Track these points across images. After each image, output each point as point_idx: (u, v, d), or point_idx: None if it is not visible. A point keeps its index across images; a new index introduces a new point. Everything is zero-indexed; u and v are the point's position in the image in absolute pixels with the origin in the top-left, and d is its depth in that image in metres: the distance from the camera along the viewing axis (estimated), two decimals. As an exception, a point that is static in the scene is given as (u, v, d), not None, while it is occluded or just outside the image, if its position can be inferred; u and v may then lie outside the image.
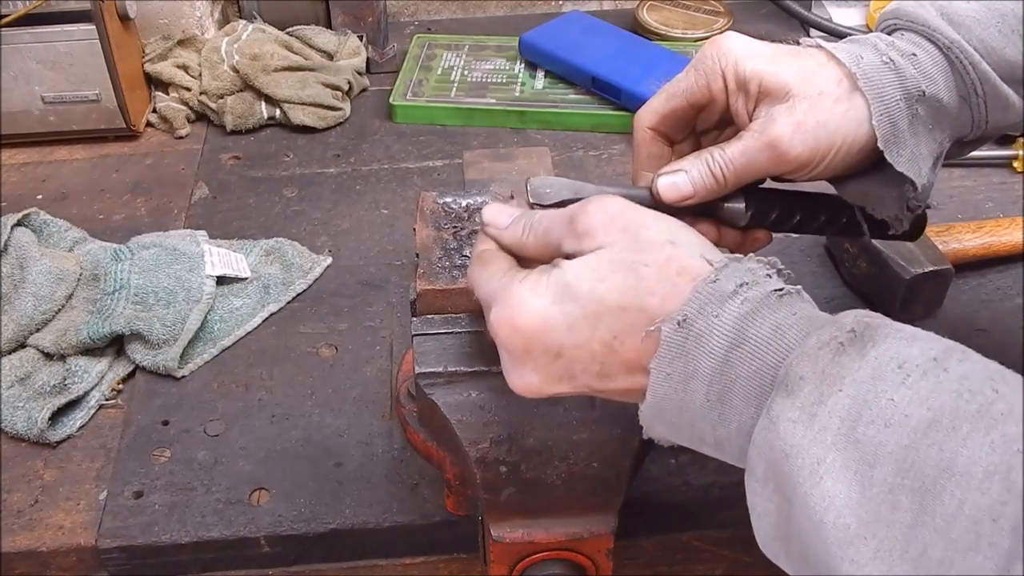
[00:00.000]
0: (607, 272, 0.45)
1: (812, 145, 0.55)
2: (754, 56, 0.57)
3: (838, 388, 0.39)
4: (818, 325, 0.42)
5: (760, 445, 0.41)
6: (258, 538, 0.66)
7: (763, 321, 0.43)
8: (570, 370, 0.46)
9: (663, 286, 0.44)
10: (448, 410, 0.56)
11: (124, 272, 0.79)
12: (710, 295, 0.43)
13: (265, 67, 1.03)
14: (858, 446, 0.37)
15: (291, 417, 0.74)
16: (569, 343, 0.45)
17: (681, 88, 0.59)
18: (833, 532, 0.37)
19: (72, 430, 0.73)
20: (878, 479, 0.36)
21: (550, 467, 0.57)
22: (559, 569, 0.60)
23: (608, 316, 0.45)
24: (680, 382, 0.44)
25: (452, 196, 0.64)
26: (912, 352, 0.39)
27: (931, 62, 0.57)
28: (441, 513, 0.66)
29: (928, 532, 0.35)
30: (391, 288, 0.85)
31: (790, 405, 0.40)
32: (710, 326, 0.43)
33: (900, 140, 0.57)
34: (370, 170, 1.00)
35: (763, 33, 1.21)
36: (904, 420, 0.37)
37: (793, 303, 0.44)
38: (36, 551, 0.66)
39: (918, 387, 0.37)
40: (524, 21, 1.20)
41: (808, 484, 0.38)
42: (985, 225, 0.85)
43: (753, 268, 0.45)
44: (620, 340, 0.45)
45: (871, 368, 0.39)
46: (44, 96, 0.99)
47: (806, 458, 0.39)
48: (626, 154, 1.01)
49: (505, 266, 0.50)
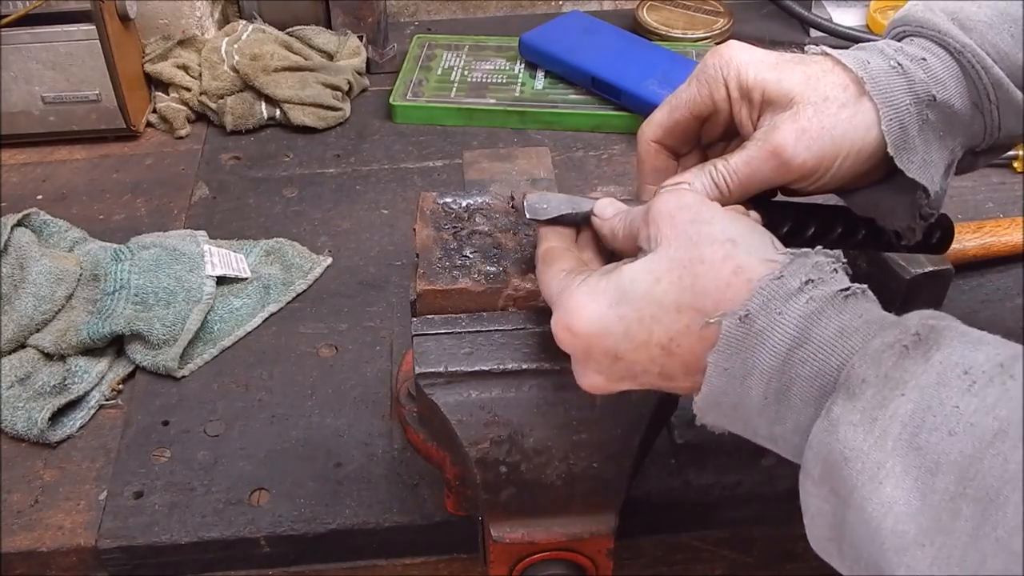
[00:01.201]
0: (664, 272, 0.45)
1: (817, 152, 0.54)
2: (757, 64, 0.56)
3: (900, 393, 0.38)
4: (883, 327, 0.42)
5: (818, 447, 0.41)
6: (258, 538, 0.66)
7: (828, 322, 0.42)
8: (631, 371, 0.47)
9: (717, 286, 0.44)
10: (448, 410, 0.56)
11: (124, 272, 0.79)
12: (774, 292, 0.43)
13: (265, 67, 1.03)
14: (920, 453, 0.37)
15: (291, 417, 0.74)
16: (626, 347, 0.46)
17: (683, 99, 0.58)
18: (891, 538, 0.37)
19: (72, 430, 0.73)
20: (940, 487, 0.36)
21: (550, 467, 0.57)
22: (559, 569, 0.60)
23: (664, 318, 0.45)
24: (738, 378, 0.44)
25: (452, 196, 0.64)
26: (978, 358, 0.38)
27: (942, 67, 0.56)
28: (441, 513, 0.66)
29: (989, 543, 0.34)
30: (391, 288, 0.85)
31: (851, 408, 0.40)
32: (772, 323, 0.42)
33: (911, 146, 0.55)
34: (370, 170, 1.00)
35: (763, 33, 1.21)
36: (969, 429, 0.36)
37: (859, 304, 0.43)
38: (36, 551, 0.66)
39: (984, 395, 0.37)
40: (524, 21, 1.20)
41: (867, 489, 0.38)
42: (985, 225, 0.85)
43: (820, 263, 0.44)
44: (676, 343, 0.45)
45: (935, 373, 0.38)
46: (44, 96, 0.99)
47: (866, 463, 0.38)
48: (626, 154, 1.01)
49: (567, 266, 0.50)
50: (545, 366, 0.56)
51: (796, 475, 0.56)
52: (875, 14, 1.18)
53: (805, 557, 0.73)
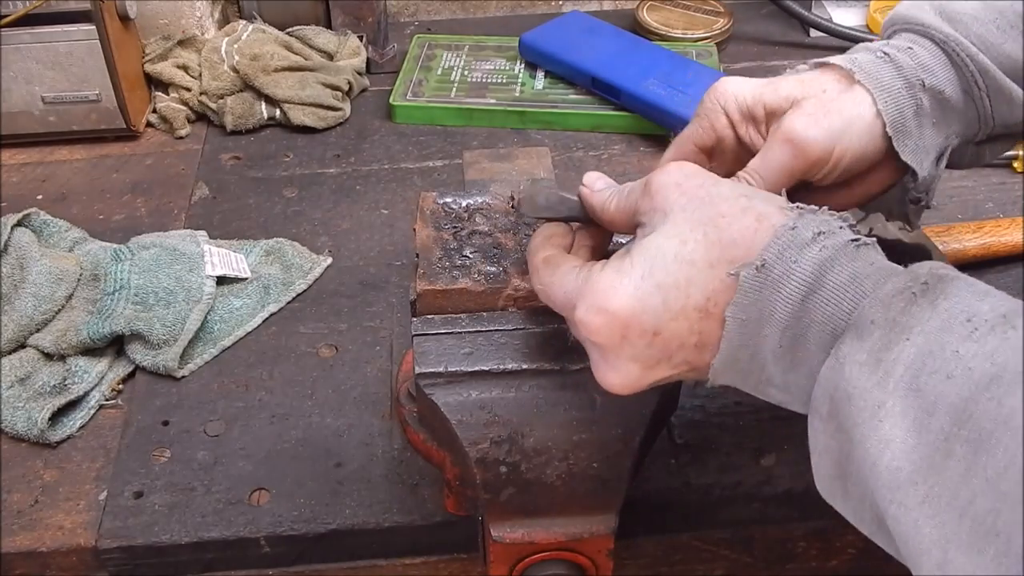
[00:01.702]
0: (688, 232, 0.45)
1: (827, 129, 0.56)
2: (751, 86, 0.60)
3: (906, 337, 0.39)
4: (893, 274, 0.43)
5: (825, 384, 0.42)
6: (258, 538, 0.66)
7: (841, 268, 0.43)
8: (668, 349, 0.46)
9: (745, 235, 0.44)
10: (448, 410, 0.56)
11: (124, 272, 0.79)
12: (789, 241, 0.44)
13: (265, 67, 1.03)
14: (919, 394, 0.38)
15: (291, 417, 0.74)
16: (666, 317, 0.45)
17: (686, 136, 0.61)
18: (886, 474, 0.38)
19: (72, 430, 0.73)
20: (935, 427, 0.37)
21: (550, 467, 0.57)
22: (559, 569, 0.60)
23: (699, 277, 0.45)
24: (754, 327, 0.44)
25: (452, 196, 0.64)
26: (982, 307, 0.39)
27: (928, 55, 0.59)
28: (441, 513, 0.66)
29: (978, 482, 0.35)
30: (391, 288, 0.85)
31: (859, 348, 0.41)
32: (788, 271, 0.43)
33: (907, 130, 0.58)
34: (370, 170, 1.00)
35: (763, 33, 1.21)
36: (967, 373, 0.37)
37: (869, 253, 0.44)
38: (36, 551, 0.66)
39: (984, 341, 0.38)
40: (524, 21, 1.20)
41: (868, 426, 0.39)
42: (985, 225, 0.85)
43: (828, 219, 0.45)
44: (714, 301, 0.45)
45: (940, 320, 0.39)
46: (44, 96, 0.99)
47: (868, 400, 0.39)
48: (626, 154, 1.01)
49: (577, 263, 0.50)
50: (545, 366, 0.56)
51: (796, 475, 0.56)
52: (875, 14, 1.18)
53: (805, 557, 0.73)
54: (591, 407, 0.56)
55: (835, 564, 0.74)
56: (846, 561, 0.74)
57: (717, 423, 0.72)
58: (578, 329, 0.48)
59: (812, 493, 0.45)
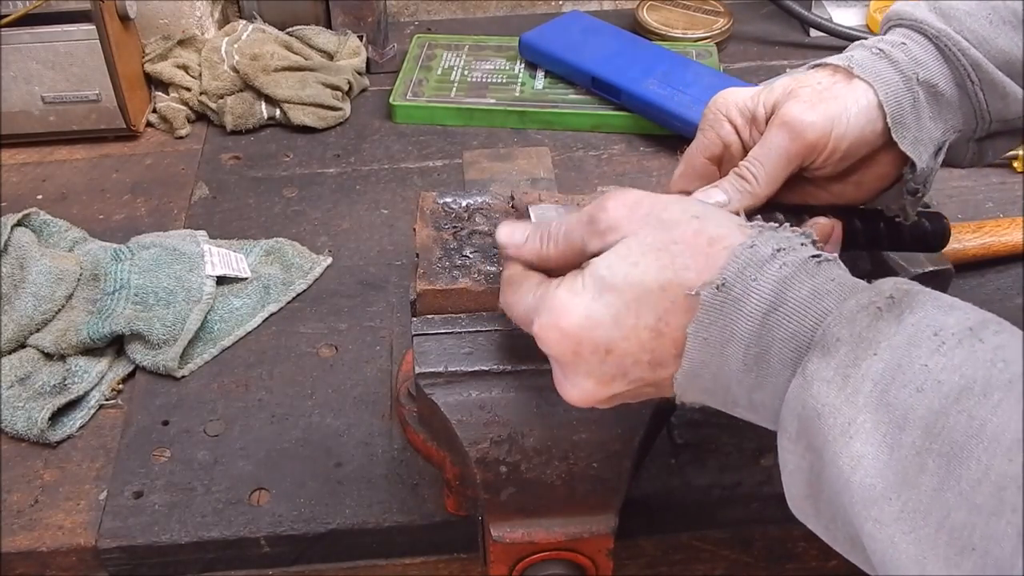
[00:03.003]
0: (639, 256, 0.45)
1: (823, 114, 0.57)
2: (749, 91, 0.61)
3: (873, 352, 0.39)
4: (856, 290, 0.43)
5: (793, 403, 0.42)
6: (258, 538, 0.66)
7: (801, 285, 0.43)
8: (622, 365, 0.46)
9: (697, 259, 0.44)
10: (448, 410, 0.56)
11: (124, 272, 0.79)
12: (748, 259, 0.44)
13: (265, 67, 1.03)
14: (889, 409, 0.38)
15: (291, 417, 0.74)
16: (617, 336, 0.45)
17: (694, 150, 0.62)
18: (859, 491, 0.38)
19: (72, 430, 0.73)
20: (907, 442, 0.37)
21: (550, 467, 0.57)
22: (559, 569, 0.60)
23: (649, 298, 0.45)
24: (717, 346, 0.44)
25: (452, 196, 0.64)
26: (949, 321, 0.39)
27: (920, 50, 0.60)
28: (441, 513, 0.66)
29: (953, 496, 0.35)
30: (391, 288, 0.85)
31: (825, 365, 0.40)
32: (748, 289, 0.43)
33: (905, 122, 0.59)
34: (370, 170, 1.00)
35: (763, 33, 1.21)
36: (936, 386, 0.37)
37: (831, 269, 0.44)
38: (36, 551, 0.66)
39: (952, 355, 0.38)
40: (524, 21, 1.20)
41: (838, 444, 0.39)
42: (985, 225, 0.85)
43: (789, 236, 0.45)
44: (665, 321, 0.45)
45: (907, 334, 0.39)
46: (44, 96, 0.99)
47: (838, 418, 0.39)
48: (626, 154, 1.01)
49: (537, 280, 0.50)
50: (545, 366, 0.56)
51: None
52: (875, 14, 1.18)
53: (805, 557, 0.73)
54: (591, 407, 0.56)
55: (835, 564, 0.74)
56: (846, 561, 0.74)
57: (717, 423, 0.72)
58: (538, 342, 0.48)
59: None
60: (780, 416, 0.43)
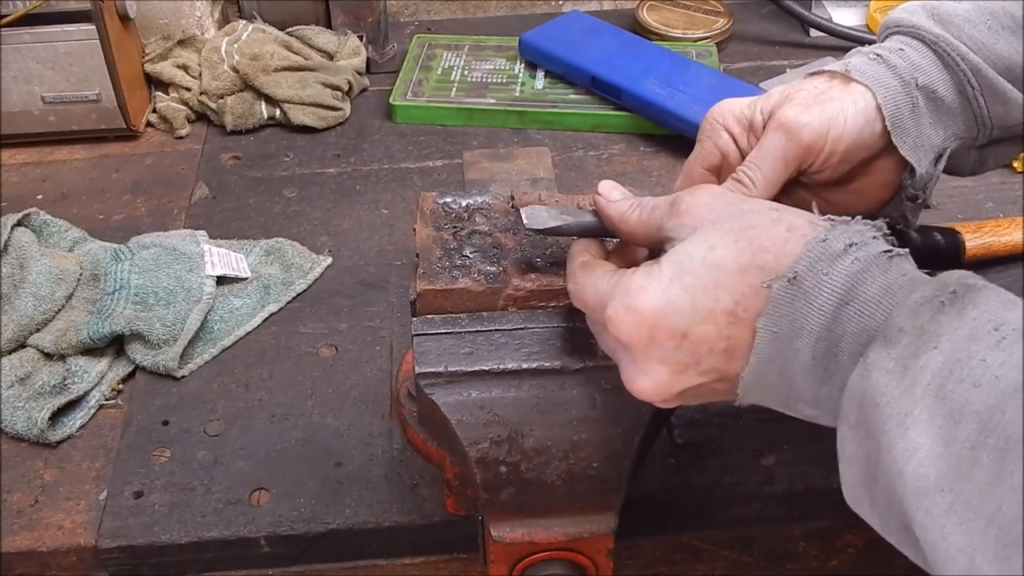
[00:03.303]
0: (717, 239, 0.46)
1: (819, 116, 0.58)
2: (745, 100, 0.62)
3: (933, 345, 0.40)
4: (922, 283, 0.43)
5: (854, 390, 0.42)
6: (258, 538, 0.66)
7: (873, 281, 0.43)
8: (697, 352, 0.46)
9: (775, 243, 0.45)
10: (448, 410, 0.56)
11: (124, 272, 0.79)
12: (820, 253, 0.44)
13: (265, 67, 1.03)
14: (946, 402, 0.38)
15: (291, 417, 0.74)
16: (694, 320, 0.45)
17: (692, 161, 0.63)
18: (912, 481, 0.38)
19: (72, 430, 0.73)
20: (961, 435, 0.37)
21: (550, 467, 0.57)
22: (559, 569, 0.60)
23: (728, 281, 0.45)
24: (786, 340, 0.44)
25: (452, 196, 0.64)
26: (1010, 317, 0.39)
27: (918, 55, 0.60)
28: (441, 513, 0.66)
29: (1005, 490, 0.35)
30: (391, 288, 0.85)
31: (886, 355, 0.41)
32: (819, 283, 0.43)
33: (904, 127, 0.59)
34: (370, 170, 1.00)
35: (763, 33, 1.21)
36: (994, 381, 0.37)
37: (902, 264, 0.44)
38: (36, 551, 0.66)
39: (1012, 351, 0.38)
40: (524, 21, 1.20)
41: (894, 433, 0.39)
42: (985, 225, 0.85)
43: (861, 230, 0.45)
44: (743, 305, 0.45)
45: (968, 328, 0.39)
46: (44, 96, 0.99)
47: (894, 407, 0.39)
48: (626, 154, 1.01)
49: (611, 268, 0.51)
50: (545, 366, 0.56)
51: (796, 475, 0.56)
52: (875, 14, 1.18)
53: (805, 557, 0.73)
54: (591, 407, 0.56)
55: (835, 564, 0.74)
56: (846, 561, 0.74)
57: (717, 423, 0.72)
58: (608, 330, 0.48)
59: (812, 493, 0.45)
60: (841, 403, 0.43)
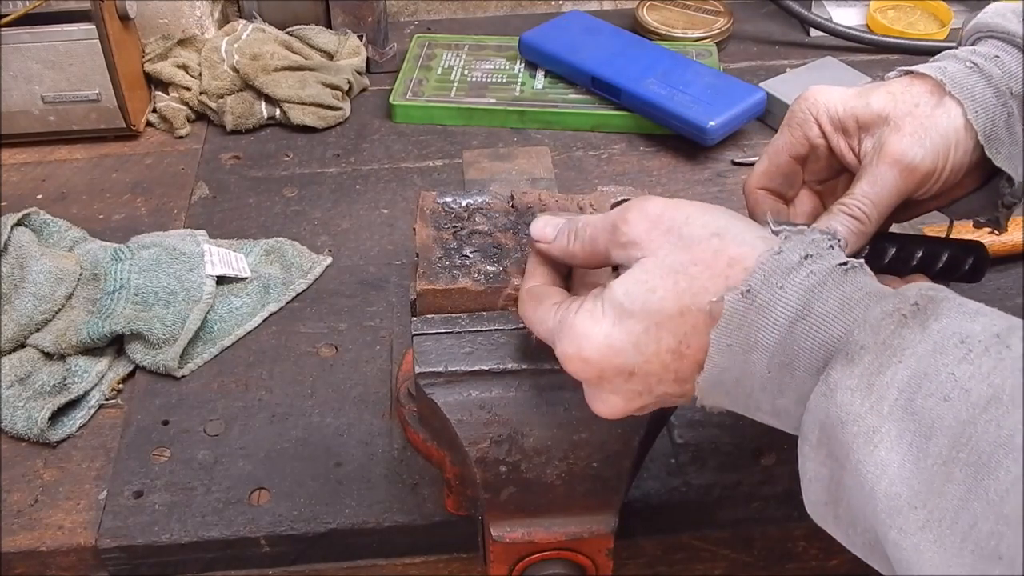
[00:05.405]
0: (657, 281, 0.45)
1: (931, 149, 0.57)
2: (842, 97, 0.60)
3: (898, 360, 0.39)
4: (882, 297, 0.42)
5: (815, 411, 0.42)
6: (258, 538, 0.66)
7: (829, 295, 0.43)
8: (647, 384, 0.47)
9: (716, 281, 0.44)
10: (448, 410, 0.56)
11: (124, 272, 0.79)
12: (774, 267, 0.43)
13: (265, 67, 1.03)
14: (915, 418, 0.38)
15: (291, 417, 0.74)
16: (639, 360, 0.46)
17: (779, 145, 0.62)
18: (884, 500, 0.38)
19: (72, 430, 0.73)
20: (933, 451, 0.37)
21: (550, 467, 0.57)
22: (559, 569, 0.60)
23: (669, 324, 0.45)
24: (741, 353, 0.44)
25: (452, 196, 0.64)
26: (975, 328, 0.39)
27: (1015, 63, 0.59)
28: (441, 513, 0.66)
29: (980, 505, 0.35)
30: (391, 288, 0.85)
31: (849, 373, 0.40)
32: (774, 297, 0.43)
33: (999, 137, 0.58)
34: (370, 170, 1.00)
35: (763, 33, 1.21)
36: (963, 395, 0.37)
37: (858, 277, 0.44)
38: (36, 551, 0.66)
39: (979, 363, 0.37)
40: (524, 21, 1.20)
41: (862, 452, 0.39)
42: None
43: (817, 239, 0.44)
44: (686, 344, 0.45)
45: (932, 342, 0.39)
46: (44, 96, 0.99)
47: (861, 426, 0.39)
48: (626, 153, 1.01)
49: (557, 299, 0.50)
50: (545, 366, 0.56)
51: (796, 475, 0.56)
52: (875, 14, 1.18)
53: (805, 557, 0.73)
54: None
55: (835, 564, 0.74)
56: (846, 561, 0.74)
57: (717, 423, 0.72)
58: (562, 364, 0.49)
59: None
60: (802, 422, 0.43)
